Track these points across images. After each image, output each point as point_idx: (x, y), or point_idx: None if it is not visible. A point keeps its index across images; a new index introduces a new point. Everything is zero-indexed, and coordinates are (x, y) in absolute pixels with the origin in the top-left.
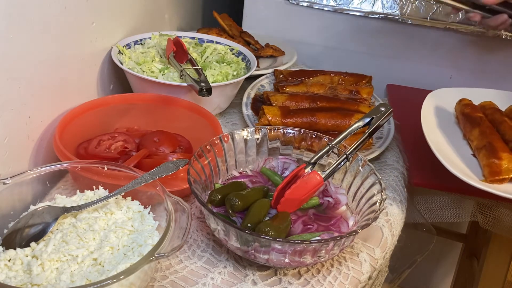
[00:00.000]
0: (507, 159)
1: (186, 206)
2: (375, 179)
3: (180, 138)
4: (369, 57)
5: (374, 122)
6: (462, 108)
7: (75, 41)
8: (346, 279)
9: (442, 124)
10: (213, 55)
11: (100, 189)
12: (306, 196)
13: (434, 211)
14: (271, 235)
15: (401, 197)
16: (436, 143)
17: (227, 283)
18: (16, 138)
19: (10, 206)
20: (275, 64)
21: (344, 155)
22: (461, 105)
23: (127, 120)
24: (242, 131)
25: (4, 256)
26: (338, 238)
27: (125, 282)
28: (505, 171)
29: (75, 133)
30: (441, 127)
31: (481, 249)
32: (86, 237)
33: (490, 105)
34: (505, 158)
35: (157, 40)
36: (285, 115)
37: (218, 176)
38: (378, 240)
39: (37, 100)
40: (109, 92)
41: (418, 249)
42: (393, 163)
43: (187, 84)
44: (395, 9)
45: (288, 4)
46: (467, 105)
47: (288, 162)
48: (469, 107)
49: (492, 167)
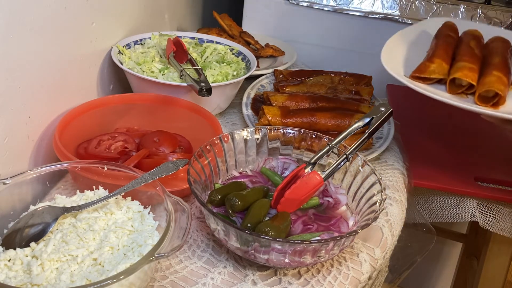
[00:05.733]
0: (437, 63)
1: (186, 206)
2: (375, 179)
3: (180, 138)
4: (369, 57)
5: (374, 122)
6: (442, 27)
7: (75, 41)
8: (346, 279)
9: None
10: (213, 55)
11: (100, 189)
12: (306, 196)
13: (434, 211)
14: (271, 235)
15: (401, 197)
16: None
17: (227, 283)
18: (16, 138)
19: (10, 206)
20: (275, 64)
21: (344, 155)
22: (443, 26)
23: (127, 120)
24: (242, 131)
25: (4, 256)
26: (338, 238)
27: (125, 282)
28: (429, 72)
29: (75, 133)
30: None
31: (481, 249)
32: (86, 237)
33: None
34: (436, 62)
35: (157, 40)
36: (285, 115)
37: (218, 176)
38: (378, 240)
39: (37, 100)
40: (109, 92)
41: (418, 249)
42: (393, 163)
43: (187, 84)
44: (395, 9)
45: (288, 4)
46: (447, 26)
47: (288, 162)
48: (448, 27)
49: (420, 66)
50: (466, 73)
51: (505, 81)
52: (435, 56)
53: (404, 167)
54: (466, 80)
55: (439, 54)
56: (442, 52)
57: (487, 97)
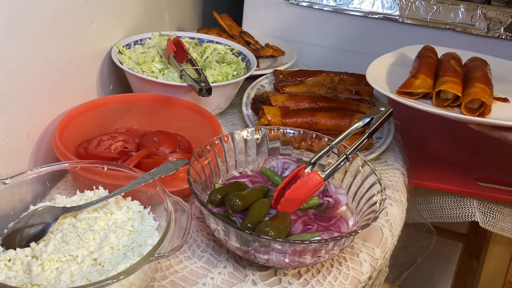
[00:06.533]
0: (422, 79)
1: (186, 206)
2: (375, 179)
3: (180, 138)
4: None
5: (374, 122)
6: (422, 50)
7: (75, 41)
8: (346, 279)
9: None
10: (213, 55)
11: (100, 189)
12: (306, 196)
13: (434, 211)
14: (271, 235)
15: (401, 197)
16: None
17: (227, 283)
18: (16, 138)
19: (10, 206)
20: (275, 64)
21: (344, 155)
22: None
23: (127, 120)
24: (242, 131)
25: (4, 256)
26: (338, 238)
27: (125, 282)
28: (415, 87)
29: (75, 133)
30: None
31: (481, 249)
32: (86, 237)
33: (450, 53)
34: (421, 78)
35: (157, 40)
36: (285, 115)
37: (218, 176)
38: (378, 240)
39: (37, 100)
40: (109, 92)
41: (418, 249)
42: (393, 163)
43: (187, 84)
44: (395, 9)
45: (288, 4)
46: (427, 49)
47: (288, 162)
48: (428, 50)
49: (406, 82)
50: (451, 85)
51: (488, 92)
52: (419, 72)
53: (404, 167)
54: (451, 91)
55: (423, 71)
56: (426, 69)
57: (473, 108)
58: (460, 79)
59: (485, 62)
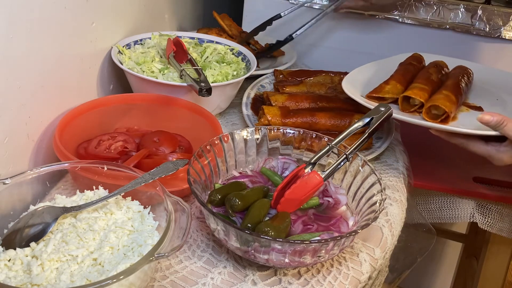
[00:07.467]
0: (392, 85)
1: (186, 206)
2: (375, 179)
3: (180, 138)
4: (369, 57)
5: (374, 122)
6: (407, 58)
7: (75, 41)
8: (346, 279)
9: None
10: (213, 55)
11: (100, 189)
12: (306, 196)
13: (433, 212)
14: (271, 235)
15: (401, 197)
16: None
17: (227, 283)
18: (16, 138)
19: (10, 206)
20: (275, 64)
21: (344, 155)
22: (409, 56)
23: (127, 120)
24: (242, 131)
25: (4, 256)
26: (338, 238)
27: (125, 282)
28: (384, 92)
29: (75, 133)
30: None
31: (480, 249)
32: (86, 237)
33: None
34: (391, 84)
35: (157, 40)
36: (285, 115)
37: (218, 176)
38: (378, 240)
39: (37, 100)
40: (109, 92)
41: (418, 249)
42: (393, 163)
43: (187, 84)
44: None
45: (288, 4)
46: (413, 57)
47: (288, 162)
48: (412, 58)
49: (377, 87)
50: (416, 92)
51: (453, 99)
52: (391, 79)
53: (404, 167)
54: (415, 97)
55: (395, 77)
56: (399, 76)
57: (438, 115)
58: (430, 86)
59: (465, 70)
